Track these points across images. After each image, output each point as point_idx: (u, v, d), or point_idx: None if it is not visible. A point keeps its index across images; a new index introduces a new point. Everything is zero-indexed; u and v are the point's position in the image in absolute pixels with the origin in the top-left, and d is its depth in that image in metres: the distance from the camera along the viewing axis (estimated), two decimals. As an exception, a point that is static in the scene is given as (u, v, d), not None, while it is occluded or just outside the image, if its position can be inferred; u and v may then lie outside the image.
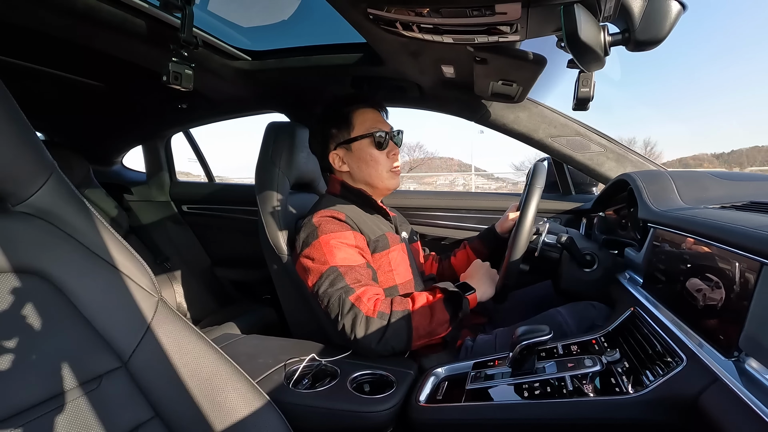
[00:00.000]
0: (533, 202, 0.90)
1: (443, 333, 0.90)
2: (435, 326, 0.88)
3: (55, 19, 0.96)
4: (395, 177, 1.13)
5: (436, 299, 0.91)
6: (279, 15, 1.27)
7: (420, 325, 0.86)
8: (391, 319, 0.85)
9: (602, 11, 0.60)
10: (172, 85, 1.05)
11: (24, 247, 0.53)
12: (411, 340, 0.86)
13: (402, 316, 0.86)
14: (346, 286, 0.88)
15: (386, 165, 1.10)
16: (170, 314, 0.62)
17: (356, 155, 1.09)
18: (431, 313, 0.88)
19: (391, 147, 1.11)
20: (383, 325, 0.84)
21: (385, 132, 1.09)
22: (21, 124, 0.53)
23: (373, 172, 1.10)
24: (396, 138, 1.13)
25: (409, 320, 0.86)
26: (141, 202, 2.11)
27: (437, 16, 0.71)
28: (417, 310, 0.87)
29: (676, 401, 0.54)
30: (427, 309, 0.89)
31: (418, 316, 0.87)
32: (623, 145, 1.36)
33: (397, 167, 1.12)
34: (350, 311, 0.85)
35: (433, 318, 0.88)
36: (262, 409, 0.62)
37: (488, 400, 0.71)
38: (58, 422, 0.50)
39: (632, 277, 0.90)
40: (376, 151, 1.08)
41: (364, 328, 0.84)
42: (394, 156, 1.11)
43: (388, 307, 0.87)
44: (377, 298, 0.89)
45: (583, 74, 0.78)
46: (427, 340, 0.90)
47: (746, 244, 0.51)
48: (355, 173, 1.11)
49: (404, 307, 0.88)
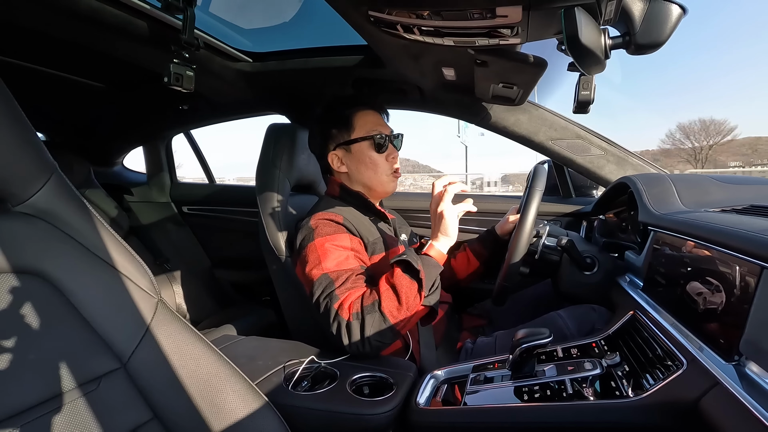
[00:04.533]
0: (533, 205, 0.90)
1: (420, 301, 0.86)
2: (407, 301, 0.84)
3: (57, 20, 0.97)
4: (394, 180, 1.13)
5: (394, 275, 0.87)
6: (280, 17, 1.27)
7: (391, 308, 0.83)
8: (364, 316, 0.83)
9: (603, 14, 0.60)
10: (173, 86, 1.05)
11: (24, 248, 0.53)
12: (393, 327, 0.83)
13: (372, 309, 0.83)
14: (333, 293, 0.87)
15: (385, 168, 1.10)
16: (170, 315, 0.62)
17: (356, 157, 1.09)
18: (396, 291, 0.85)
19: (391, 150, 1.11)
20: (360, 326, 0.82)
21: (385, 135, 1.09)
22: (22, 124, 0.53)
23: (372, 174, 1.10)
24: (396, 141, 1.12)
25: (380, 310, 0.83)
26: (141, 203, 2.11)
27: (438, 19, 0.71)
28: (382, 295, 0.84)
29: (677, 405, 0.54)
30: (390, 290, 0.85)
31: (385, 301, 0.84)
32: (624, 148, 1.36)
33: (397, 170, 1.12)
34: (335, 319, 0.84)
35: (400, 295, 0.84)
36: (261, 410, 0.62)
37: (488, 403, 0.71)
38: (57, 423, 0.49)
39: (632, 281, 0.90)
40: (375, 153, 1.09)
41: (347, 335, 0.83)
42: (393, 159, 1.11)
43: (360, 305, 0.85)
44: (353, 300, 0.86)
45: (583, 77, 0.78)
46: (414, 316, 0.86)
47: (747, 247, 0.51)
48: (354, 175, 1.11)
49: (372, 300, 0.85)
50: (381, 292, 0.85)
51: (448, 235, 0.94)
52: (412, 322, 0.88)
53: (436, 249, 0.94)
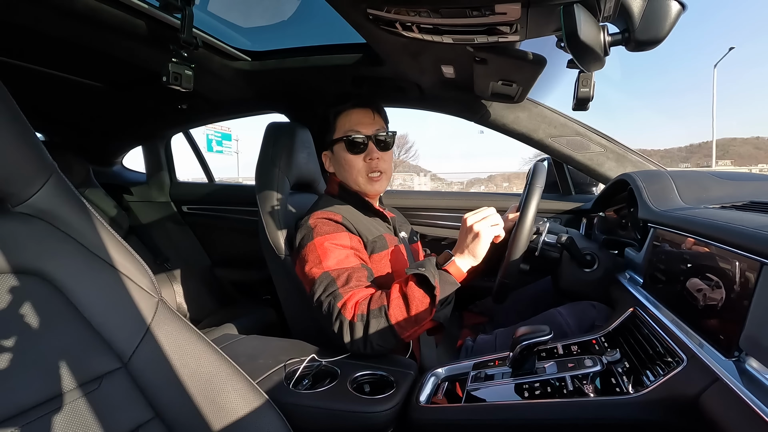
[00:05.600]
0: (533, 202, 0.90)
1: (430, 317, 0.82)
2: (416, 313, 0.81)
3: (55, 20, 0.96)
4: (373, 183, 1.07)
5: (408, 285, 0.84)
6: (279, 15, 1.27)
7: (398, 318, 0.81)
8: (369, 319, 0.82)
9: (602, 11, 0.60)
10: (172, 85, 1.05)
11: (24, 248, 0.53)
12: (397, 335, 0.82)
13: (379, 314, 0.82)
14: (335, 291, 0.86)
15: (362, 170, 1.06)
16: (170, 315, 0.62)
17: (335, 158, 1.09)
18: (406, 301, 0.83)
19: (370, 151, 1.05)
20: (364, 328, 0.82)
21: (363, 135, 1.04)
22: (21, 124, 0.53)
23: (348, 176, 1.08)
24: (381, 141, 1.06)
25: (387, 316, 0.82)
26: (141, 203, 2.11)
27: (437, 17, 0.71)
28: (392, 303, 0.83)
29: (677, 401, 0.54)
30: (401, 299, 0.83)
31: (393, 309, 0.82)
32: (623, 145, 1.36)
33: (378, 172, 1.07)
34: (337, 318, 0.84)
35: (410, 306, 0.82)
36: (262, 409, 0.62)
37: (489, 401, 0.71)
38: (58, 423, 0.50)
39: (632, 277, 0.90)
40: (350, 155, 1.05)
41: (349, 334, 0.82)
42: (371, 161, 1.05)
43: (366, 307, 0.84)
44: (358, 300, 0.86)
45: (582, 74, 0.78)
46: (421, 327, 0.84)
47: (746, 244, 0.51)
48: (338, 176, 1.11)
49: (380, 304, 0.83)
50: (391, 299, 0.83)
51: (475, 255, 0.87)
52: (418, 333, 0.86)
53: (456, 266, 0.87)
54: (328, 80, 1.38)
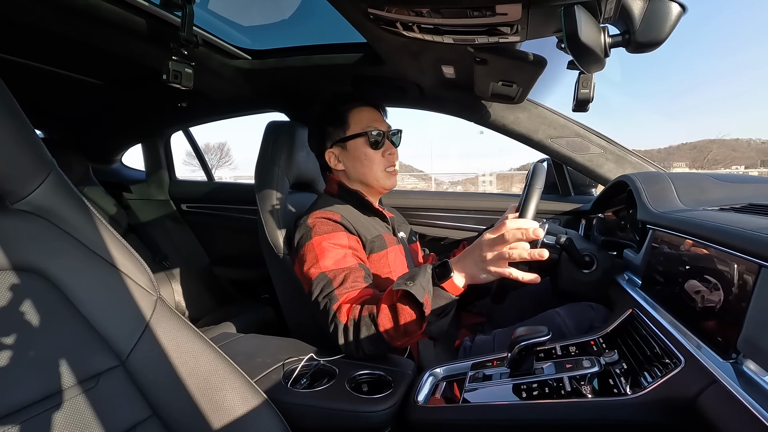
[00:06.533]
0: (532, 203, 0.90)
1: (420, 330, 0.79)
2: (404, 324, 0.78)
3: (54, 17, 0.96)
4: (391, 177, 1.12)
5: (398, 296, 0.80)
6: (279, 14, 1.27)
7: (387, 327, 0.79)
8: (360, 326, 0.81)
9: (602, 13, 0.60)
10: (172, 83, 1.05)
11: (22, 245, 0.52)
12: (386, 343, 0.81)
13: (369, 321, 0.81)
14: (331, 293, 0.87)
15: (381, 165, 1.10)
16: (169, 313, 0.62)
17: (351, 154, 1.09)
18: (395, 313, 0.79)
19: (387, 146, 1.11)
20: (354, 334, 0.82)
21: (381, 131, 1.09)
22: (20, 121, 0.53)
23: (367, 171, 1.09)
24: (394, 137, 1.12)
25: (376, 324, 0.80)
26: (140, 201, 2.11)
27: (438, 17, 0.71)
28: (381, 312, 0.80)
29: (674, 403, 0.54)
30: (389, 310, 0.80)
31: (382, 319, 0.80)
32: (622, 146, 1.36)
33: (394, 167, 1.12)
34: (333, 320, 0.84)
35: (398, 318, 0.78)
36: (260, 408, 0.62)
37: (486, 401, 0.71)
38: (56, 420, 0.50)
39: (631, 279, 0.90)
40: (370, 150, 1.08)
41: (343, 337, 0.83)
42: (390, 156, 1.11)
43: (359, 313, 0.83)
44: (351, 304, 0.85)
45: (583, 75, 0.78)
46: (412, 338, 0.81)
47: (745, 246, 0.51)
48: (351, 172, 1.11)
49: (370, 311, 0.81)
50: (380, 309, 0.81)
51: (478, 279, 0.79)
52: (411, 342, 0.84)
53: (453, 282, 0.80)
54: (328, 79, 1.38)
